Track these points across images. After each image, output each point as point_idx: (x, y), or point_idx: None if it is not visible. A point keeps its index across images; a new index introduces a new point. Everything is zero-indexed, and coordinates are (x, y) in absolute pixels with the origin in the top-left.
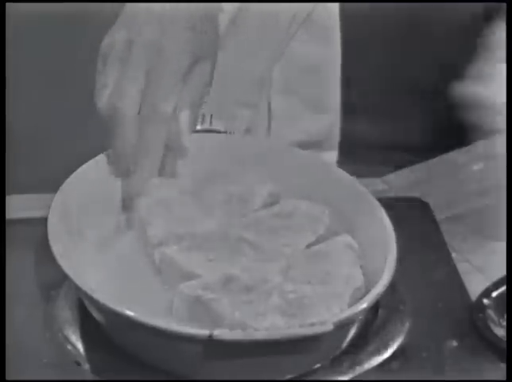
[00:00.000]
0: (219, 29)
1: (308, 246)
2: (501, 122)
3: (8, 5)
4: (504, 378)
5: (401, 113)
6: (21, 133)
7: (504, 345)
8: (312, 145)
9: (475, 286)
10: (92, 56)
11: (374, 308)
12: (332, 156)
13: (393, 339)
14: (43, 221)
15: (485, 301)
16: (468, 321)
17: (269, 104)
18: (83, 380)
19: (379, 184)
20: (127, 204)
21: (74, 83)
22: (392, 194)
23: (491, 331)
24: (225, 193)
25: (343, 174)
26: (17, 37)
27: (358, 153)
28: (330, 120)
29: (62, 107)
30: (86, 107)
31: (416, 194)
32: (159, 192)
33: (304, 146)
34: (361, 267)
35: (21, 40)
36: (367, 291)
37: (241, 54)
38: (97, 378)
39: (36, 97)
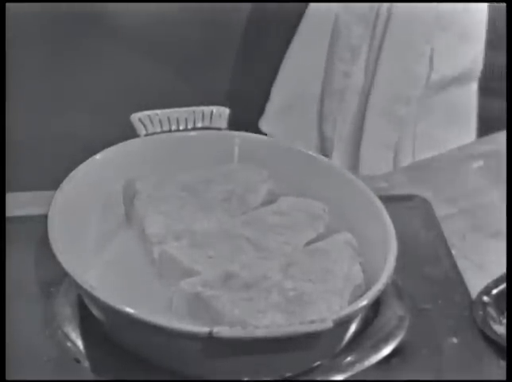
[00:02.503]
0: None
1: (308, 243)
2: None
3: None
4: (504, 375)
5: None
6: (22, 130)
7: (504, 343)
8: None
9: (475, 283)
10: (92, 55)
11: (374, 305)
12: (474, 87)
13: (392, 336)
14: (43, 219)
15: (485, 298)
16: (468, 318)
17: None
18: (83, 380)
19: (379, 181)
20: (127, 202)
21: (74, 81)
22: (392, 191)
23: (491, 328)
24: (224, 191)
25: (343, 172)
26: (17, 37)
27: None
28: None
29: (62, 104)
30: (86, 105)
31: (416, 191)
32: (158, 189)
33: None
34: (361, 264)
35: (21, 40)
36: (367, 288)
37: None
38: (97, 375)
39: (36, 95)
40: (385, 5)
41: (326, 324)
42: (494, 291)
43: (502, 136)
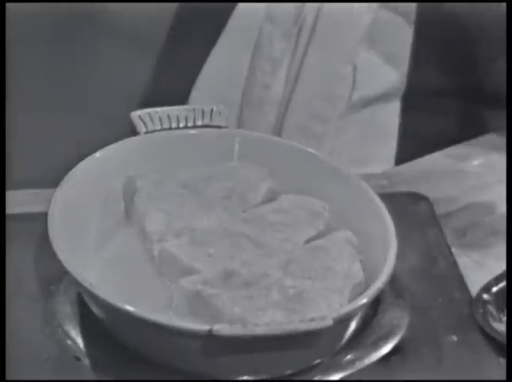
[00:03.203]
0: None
1: (308, 241)
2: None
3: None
4: (504, 373)
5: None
6: (21, 128)
7: (504, 340)
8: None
9: (474, 280)
10: (92, 53)
11: (374, 303)
12: (396, 106)
13: (392, 334)
14: (43, 216)
15: (485, 296)
16: (468, 316)
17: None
18: (83, 380)
19: (379, 179)
20: (127, 200)
21: (74, 78)
22: (392, 189)
23: (491, 326)
24: (225, 189)
25: (342, 169)
26: (17, 37)
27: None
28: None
29: (62, 102)
30: (86, 103)
31: (416, 189)
32: (158, 187)
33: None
34: (361, 262)
35: (21, 39)
36: (367, 286)
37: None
38: (97, 373)
39: (36, 93)
40: (311, 19)
41: (326, 322)
42: (495, 289)
43: (502, 134)
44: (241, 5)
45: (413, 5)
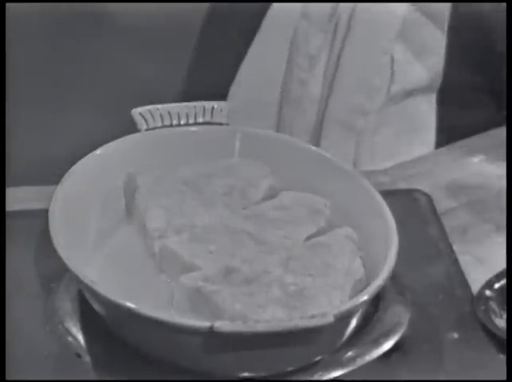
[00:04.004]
0: None
1: (309, 238)
2: None
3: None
4: (504, 370)
5: None
6: (22, 125)
7: (505, 336)
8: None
9: (475, 277)
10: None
11: (375, 300)
12: (433, 99)
13: (393, 331)
14: (44, 213)
15: (487, 292)
16: (469, 313)
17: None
18: (84, 379)
19: (380, 175)
20: (128, 197)
21: (74, 76)
22: (393, 186)
23: (493, 322)
24: (226, 186)
25: (344, 166)
26: (17, 36)
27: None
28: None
29: (63, 99)
30: (86, 100)
31: (417, 186)
32: (159, 184)
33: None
34: (361, 258)
35: (22, 38)
36: (368, 283)
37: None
38: (98, 370)
39: (37, 89)
40: (345, 15)
41: (327, 318)
42: (497, 285)
43: (502, 131)
44: (276, 4)
45: (445, 6)
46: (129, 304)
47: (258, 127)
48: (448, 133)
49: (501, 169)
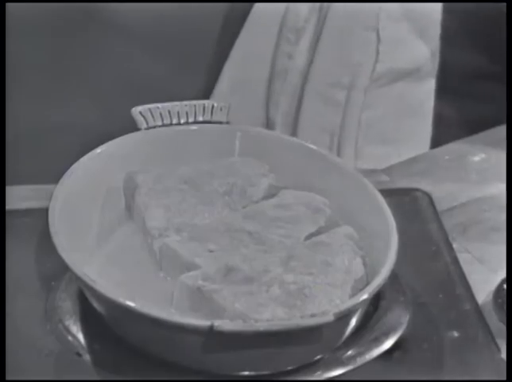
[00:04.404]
0: None
1: (309, 237)
2: None
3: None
4: (504, 369)
5: None
6: (22, 124)
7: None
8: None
9: (475, 276)
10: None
11: (375, 299)
12: (430, 85)
13: (394, 330)
14: (44, 212)
15: (505, 286)
16: (469, 311)
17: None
18: (84, 379)
19: (380, 174)
20: (127, 196)
21: (74, 75)
22: (393, 185)
23: (505, 315)
24: (225, 185)
25: (344, 165)
26: (17, 30)
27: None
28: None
29: (63, 98)
30: (86, 99)
31: (417, 185)
32: (159, 183)
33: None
34: (362, 257)
35: (21, 32)
36: (368, 282)
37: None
38: (98, 369)
39: (36, 88)
40: None
41: (327, 317)
42: None
43: (502, 130)
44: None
45: None
46: (129, 303)
47: (249, 104)
48: (449, 124)
49: (501, 168)
